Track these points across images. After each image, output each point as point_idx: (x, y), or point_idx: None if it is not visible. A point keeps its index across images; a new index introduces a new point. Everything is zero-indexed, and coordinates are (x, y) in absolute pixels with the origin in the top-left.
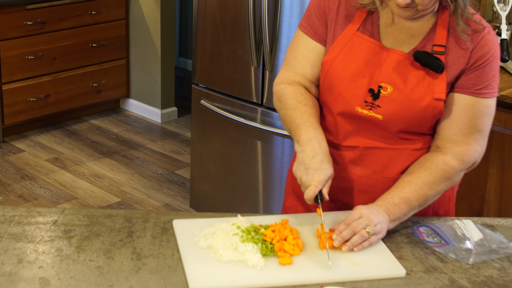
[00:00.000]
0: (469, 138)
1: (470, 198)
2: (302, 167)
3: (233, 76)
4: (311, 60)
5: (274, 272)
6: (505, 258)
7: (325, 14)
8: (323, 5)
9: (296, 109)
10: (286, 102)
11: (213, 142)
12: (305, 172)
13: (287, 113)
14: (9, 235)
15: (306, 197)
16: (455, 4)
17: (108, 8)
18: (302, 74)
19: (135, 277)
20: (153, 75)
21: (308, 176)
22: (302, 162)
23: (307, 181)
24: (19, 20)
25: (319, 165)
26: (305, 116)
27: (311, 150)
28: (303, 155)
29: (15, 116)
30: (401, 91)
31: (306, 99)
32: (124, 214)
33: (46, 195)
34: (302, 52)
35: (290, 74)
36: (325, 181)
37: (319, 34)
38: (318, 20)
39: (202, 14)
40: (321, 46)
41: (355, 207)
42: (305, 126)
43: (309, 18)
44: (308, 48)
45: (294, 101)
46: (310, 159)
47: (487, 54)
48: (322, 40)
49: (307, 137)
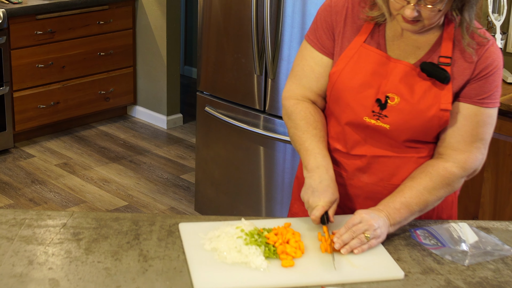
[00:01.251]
0: (471, 146)
1: (465, 202)
2: (309, 191)
3: (236, 84)
4: (318, 73)
5: (276, 274)
6: (499, 260)
7: (332, 27)
8: (330, 19)
9: (306, 131)
10: (297, 122)
11: (217, 147)
12: (312, 194)
13: (297, 133)
14: (20, 237)
15: (313, 217)
16: (461, 18)
17: (116, 18)
18: (309, 87)
19: (142, 278)
20: (159, 82)
21: (315, 198)
22: (309, 186)
23: (314, 202)
24: (29, 29)
25: (326, 188)
26: (314, 142)
27: (318, 177)
28: (311, 181)
29: (26, 122)
30: (408, 102)
31: (316, 121)
32: (131, 217)
33: (55, 199)
34: (309, 65)
35: (298, 88)
36: (331, 203)
37: (326, 47)
38: (325, 34)
39: (207, 24)
40: (328, 59)
41: (356, 212)
42: (314, 153)
43: (315, 31)
44: (315, 61)
45: (305, 123)
46: (317, 184)
47: (491, 66)
48: (329, 53)
49: (316, 165)
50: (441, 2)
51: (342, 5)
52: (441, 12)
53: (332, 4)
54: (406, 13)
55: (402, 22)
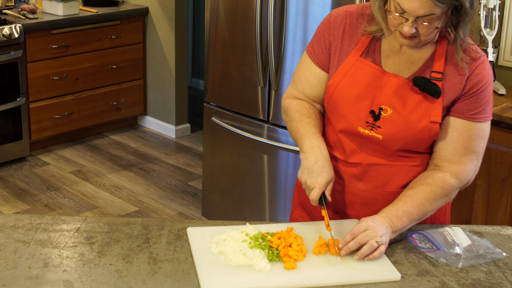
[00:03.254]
0: (465, 159)
1: (459, 207)
2: (306, 172)
3: (241, 95)
4: (311, 82)
5: (279, 276)
6: (491, 263)
7: (329, 43)
8: (328, 34)
9: (300, 121)
10: (292, 115)
11: (223, 155)
12: (308, 175)
13: (293, 124)
14: (36, 241)
15: (311, 198)
16: (455, 34)
17: (127, 32)
18: (303, 93)
19: (152, 280)
20: (168, 94)
21: (312, 179)
22: (305, 167)
23: (311, 183)
24: (45, 43)
25: (321, 169)
26: (308, 127)
27: (313, 157)
28: (307, 162)
29: (41, 132)
30: (400, 114)
31: (309, 112)
32: (142, 222)
33: (69, 204)
34: (305, 74)
35: (295, 91)
36: (327, 183)
37: (320, 60)
38: (320, 48)
39: (213, 39)
40: (321, 71)
41: (361, 219)
42: (308, 136)
43: (313, 44)
44: (310, 71)
45: (299, 114)
46: (312, 165)
47: (481, 82)
48: (323, 66)
49: (310, 146)
50: (437, 20)
51: (340, 21)
52: (437, 29)
53: (331, 20)
54: (404, 29)
55: (399, 37)
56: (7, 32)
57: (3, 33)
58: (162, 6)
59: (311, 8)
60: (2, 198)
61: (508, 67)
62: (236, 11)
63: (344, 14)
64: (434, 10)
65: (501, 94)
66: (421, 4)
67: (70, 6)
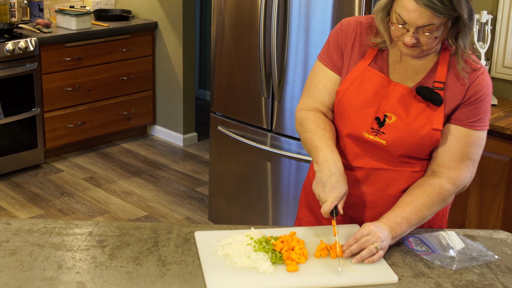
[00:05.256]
0: (461, 165)
1: (453, 212)
2: (320, 185)
3: (246, 105)
4: (330, 88)
5: (282, 278)
6: (484, 265)
7: (342, 48)
8: (341, 41)
9: (316, 132)
10: (307, 126)
11: (228, 163)
12: (322, 189)
13: (308, 136)
14: (50, 244)
15: (323, 211)
16: (456, 46)
17: (137, 46)
18: (321, 101)
19: (160, 281)
20: (176, 104)
21: (325, 193)
22: (320, 180)
23: (324, 197)
24: (59, 56)
25: (335, 183)
26: (323, 139)
27: (328, 170)
28: (321, 174)
29: (55, 140)
30: (404, 121)
31: (325, 124)
32: (151, 226)
33: (82, 209)
34: (322, 82)
35: (311, 101)
36: (340, 197)
37: (337, 66)
38: (336, 54)
39: (219, 52)
40: (338, 76)
41: (364, 224)
42: (323, 148)
43: (328, 51)
44: (328, 78)
45: (314, 125)
46: (327, 178)
47: (480, 92)
48: (339, 71)
49: (325, 158)
50: (437, 30)
51: (352, 30)
52: (438, 39)
53: (343, 28)
54: (406, 40)
55: (402, 47)
56: (23, 45)
57: (19, 46)
58: (171, 21)
59: (312, 22)
60: (18, 204)
61: (500, 78)
62: (240, 25)
63: (355, 23)
64: (433, 21)
65: (493, 104)
66: (420, 15)
67: (83, 21)
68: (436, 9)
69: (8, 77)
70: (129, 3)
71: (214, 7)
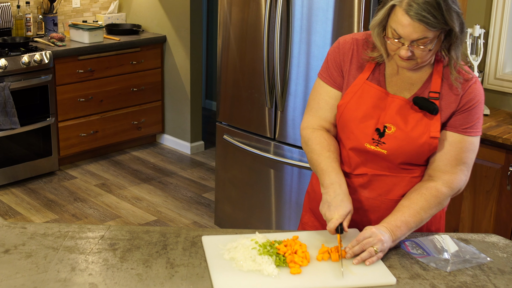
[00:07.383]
0: (456, 169)
1: (448, 217)
2: (326, 205)
3: (250, 115)
4: (331, 104)
5: (286, 280)
6: (477, 267)
7: (341, 65)
8: (339, 59)
9: (321, 154)
10: (313, 147)
11: (234, 170)
12: (328, 209)
13: (313, 157)
14: (64, 247)
15: (329, 228)
16: (449, 57)
17: (147, 58)
18: (324, 118)
19: (169, 283)
20: (184, 114)
21: (331, 212)
22: (325, 201)
23: (330, 215)
24: (72, 68)
25: (340, 203)
26: (328, 162)
27: (333, 192)
28: (327, 196)
29: (69, 148)
30: (403, 130)
31: (329, 145)
32: (160, 230)
33: (94, 214)
34: (324, 99)
35: (315, 119)
36: (345, 215)
37: (337, 82)
38: (336, 71)
39: (225, 64)
40: (338, 92)
41: (366, 227)
42: (328, 172)
43: (328, 69)
44: (329, 94)
45: (319, 147)
46: (332, 199)
47: (473, 100)
48: (340, 87)
49: (330, 182)
50: (430, 43)
51: (348, 47)
52: (432, 52)
53: (340, 46)
54: (401, 53)
55: (399, 60)
56: (38, 58)
57: (34, 59)
58: (179, 35)
59: (313, 36)
60: (33, 209)
61: (492, 89)
62: (245, 39)
63: (351, 41)
64: (427, 34)
65: (486, 114)
66: (414, 29)
67: (95, 35)
68: (429, 23)
69: (24, 89)
70: (139, 18)
71: (220, 22)
